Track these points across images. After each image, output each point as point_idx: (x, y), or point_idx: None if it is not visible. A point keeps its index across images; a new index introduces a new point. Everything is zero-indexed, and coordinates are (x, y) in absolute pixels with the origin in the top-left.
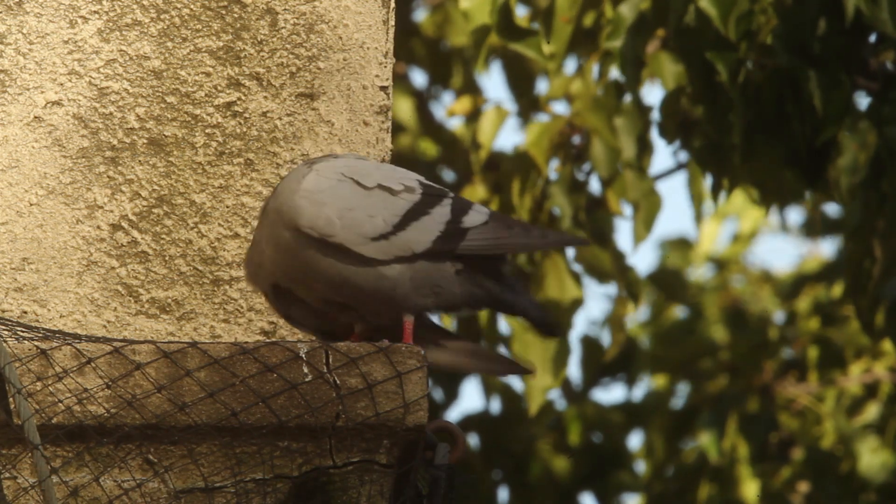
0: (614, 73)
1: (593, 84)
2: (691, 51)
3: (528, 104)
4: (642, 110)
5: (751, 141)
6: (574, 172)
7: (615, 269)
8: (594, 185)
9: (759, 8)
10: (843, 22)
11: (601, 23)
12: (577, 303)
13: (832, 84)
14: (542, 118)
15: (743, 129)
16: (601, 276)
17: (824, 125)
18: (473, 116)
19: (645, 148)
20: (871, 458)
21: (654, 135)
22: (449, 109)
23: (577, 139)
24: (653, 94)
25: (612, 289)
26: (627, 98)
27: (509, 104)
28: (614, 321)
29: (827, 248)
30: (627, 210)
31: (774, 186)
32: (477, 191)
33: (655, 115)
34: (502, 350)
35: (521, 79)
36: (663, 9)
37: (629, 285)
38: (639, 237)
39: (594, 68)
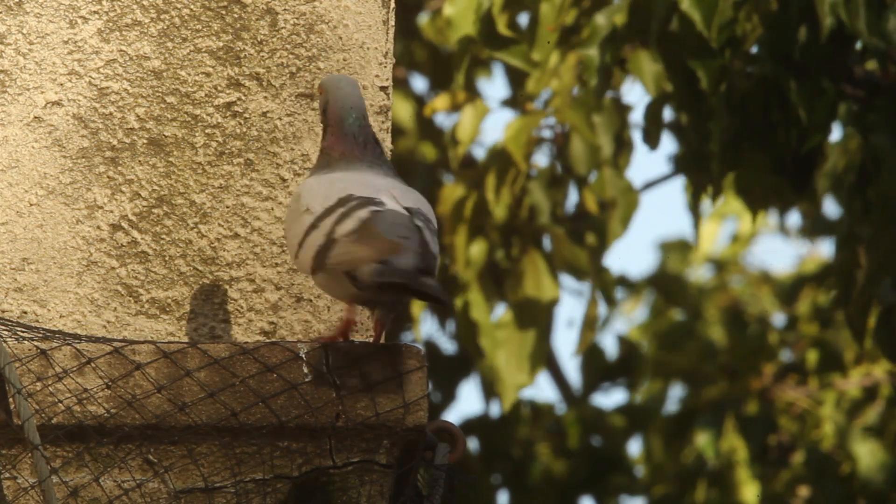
0: None
1: (571, 81)
2: (673, 57)
3: (524, 98)
4: (620, 108)
5: (737, 148)
6: (553, 168)
7: (591, 269)
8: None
9: (743, 15)
10: (827, 31)
11: (581, 22)
12: (554, 302)
13: (817, 92)
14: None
15: (723, 137)
16: (578, 274)
17: (810, 133)
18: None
19: (623, 146)
20: (870, 460)
21: (637, 135)
22: (429, 105)
23: (549, 132)
24: (633, 92)
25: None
26: (607, 95)
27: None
28: (586, 321)
29: (826, 249)
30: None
31: (760, 193)
32: (456, 189)
33: (635, 114)
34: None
35: (517, 72)
36: (641, 18)
37: (604, 286)
38: (614, 235)
39: (573, 66)
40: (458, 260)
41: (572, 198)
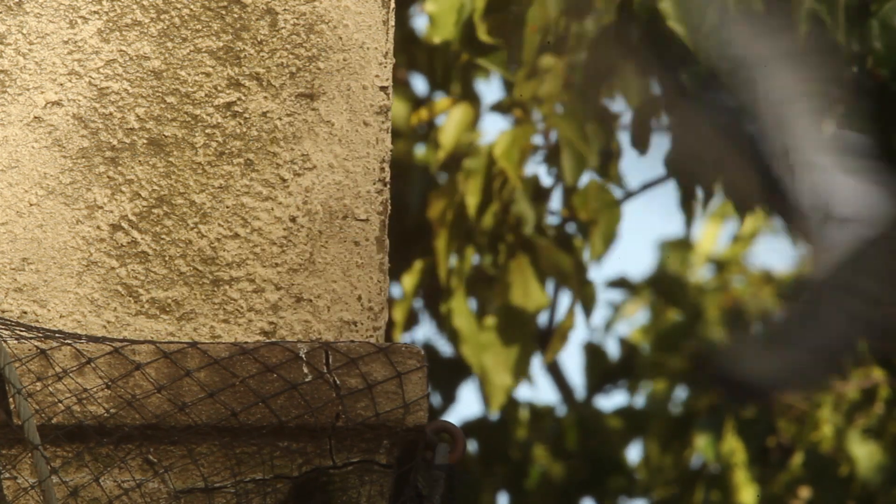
0: None
1: (561, 89)
2: (660, 61)
3: (513, 103)
4: (607, 118)
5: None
6: (539, 179)
7: (574, 280)
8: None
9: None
10: (803, 37)
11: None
12: (541, 308)
13: None
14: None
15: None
16: (563, 280)
17: None
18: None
19: (611, 157)
20: (869, 462)
21: (627, 143)
22: (414, 115)
23: (541, 138)
24: (620, 102)
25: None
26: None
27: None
28: (558, 332)
29: None
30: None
31: (747, 195)
32: (440, 195)
33: (625, 119)
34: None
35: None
36: (629, 23)
37: (585, 298)
38: (596, 252)
39: (562, 72)
40: (440, 266)
41: (560, 202)
